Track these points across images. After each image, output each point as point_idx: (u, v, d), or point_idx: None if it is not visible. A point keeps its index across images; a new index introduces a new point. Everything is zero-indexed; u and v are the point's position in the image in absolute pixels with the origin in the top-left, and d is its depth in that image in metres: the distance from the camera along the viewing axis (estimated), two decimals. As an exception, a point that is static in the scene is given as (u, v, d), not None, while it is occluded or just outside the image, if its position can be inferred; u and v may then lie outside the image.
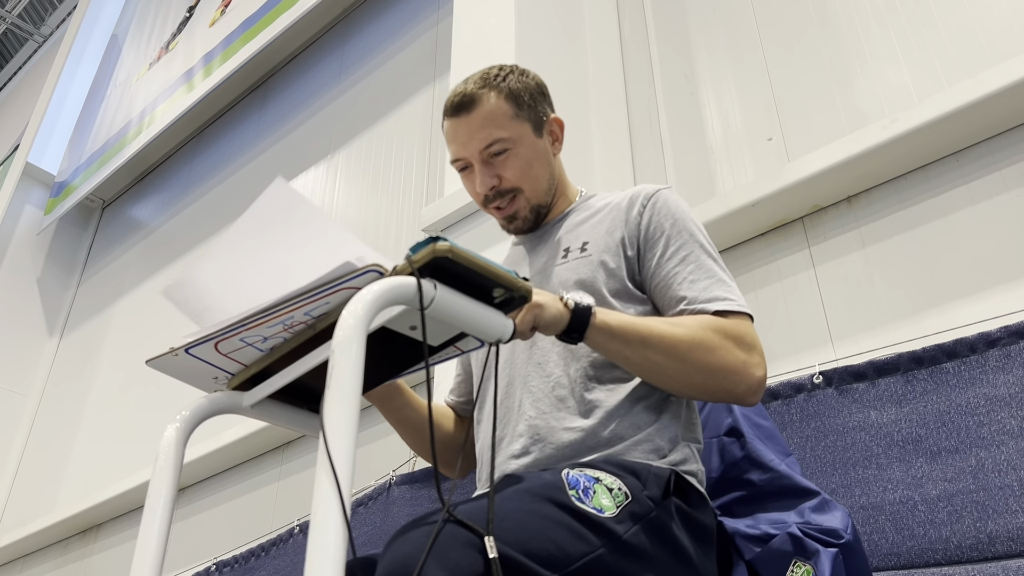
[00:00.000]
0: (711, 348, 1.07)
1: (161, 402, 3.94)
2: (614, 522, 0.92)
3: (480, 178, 1.27)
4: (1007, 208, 1.79)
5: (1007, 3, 1.96)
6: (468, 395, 1.40)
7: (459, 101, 1.27)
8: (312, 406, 1.01)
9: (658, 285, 1.17)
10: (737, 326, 1.09)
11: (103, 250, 5.29)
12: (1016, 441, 1.32)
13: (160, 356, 0.90)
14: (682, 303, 1.13)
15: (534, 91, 1.32)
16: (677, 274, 1.15)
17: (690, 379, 1.08)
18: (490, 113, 1.25)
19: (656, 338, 1.06)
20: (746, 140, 2.34)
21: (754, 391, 1.08)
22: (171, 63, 5.02)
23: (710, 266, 1.17)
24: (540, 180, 1.30)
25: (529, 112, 1.29)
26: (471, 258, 0.82)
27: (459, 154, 1.29)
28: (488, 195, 1.29)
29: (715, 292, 1.13)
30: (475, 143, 1.26)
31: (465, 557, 0.78)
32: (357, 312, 0.71)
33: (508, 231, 1.36)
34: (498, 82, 1.28)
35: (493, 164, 1.27)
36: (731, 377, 1.07)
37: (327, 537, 0.60)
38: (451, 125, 1.29)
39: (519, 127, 1.27)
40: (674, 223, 1.20)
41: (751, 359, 1.08)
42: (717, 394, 1.10)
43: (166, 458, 0.85)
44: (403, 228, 3.23)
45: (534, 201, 1.30)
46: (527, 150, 1.27)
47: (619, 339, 1.06)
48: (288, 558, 2.27)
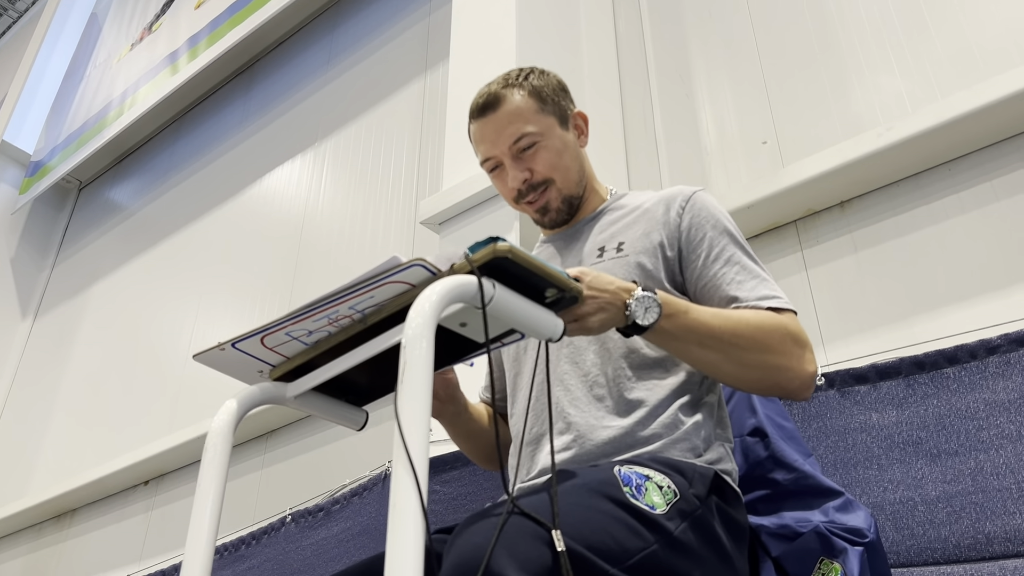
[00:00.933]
0: (768, 346, 1.10)
1: (137, 387, 3.90)
2: (665, 519, 0.95)
3: (512, 173, 1.29)
4: (997, 218, 1.84)
5: (1000, 17, 2.02)
6: (503, 391, 1.43)
7: (484, 102, 1.30)
8: (351, 398, 1.03)
9: (705, 286, 1.20)
10: (792, 323, 1.13)
11: (79, 232, 5.22)
12: (1014, 445, 1.37)
13: (207, 351, 0.91)
14: (734, 303, 1.16)
15: (555, 87, 1.35)
16: (724, 275, 1.18)
17: (747, 375, 1.12)
18: (516, 109, 1.28)
19: (715, 338, 1.09)
20: (741, 143, 2.38)
21: (807, 386, 1.12)
22: (154, 44, 4.95)
23: (752, 267, 1.20)
24: (570, 171, 1.32)
25: (553, 107, 1.32)
26: (528, 258, 0.84)
27: (489, 153, 1.31)
28: (521, 189, 1.30)
29: (763, 291, 1.16)
30: (504, 139, 1.28)
31: (533, 549, 0.80)
32: (425, 310, 0.73)
33: (542, 224, 1.37)
34: (520, 80, 1.31)
35: (523, 159, 1.29)
36: (786, 374, 1.11)
37: (407, 531, 0.61)
38: (478, 126, 1.31)
39: (545, 120, 1.30)
40: (715, 225, 1.23)
41: (804, 355, 1.12)
42: (771, 389, 1.14)
43: (215, 447, 0.86)
44: (392, 219, 3.23)
45: (565, 192, 1.32)
46: (556, 142, 1.30)
47: (679, 340, 1.08)
48: (280, 547, 2.28)
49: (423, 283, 0.85)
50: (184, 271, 4.15)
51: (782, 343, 1.10)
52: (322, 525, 2.22)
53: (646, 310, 1.03)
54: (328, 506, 2.25)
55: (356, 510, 2.15)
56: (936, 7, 2.13)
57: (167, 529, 3.32)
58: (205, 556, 0.80)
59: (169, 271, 4.26)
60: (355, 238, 3.32)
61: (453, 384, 1.24)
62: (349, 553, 2.09)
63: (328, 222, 3.51)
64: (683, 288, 1.23)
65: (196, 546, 0.80)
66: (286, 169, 3.96)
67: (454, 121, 2.50)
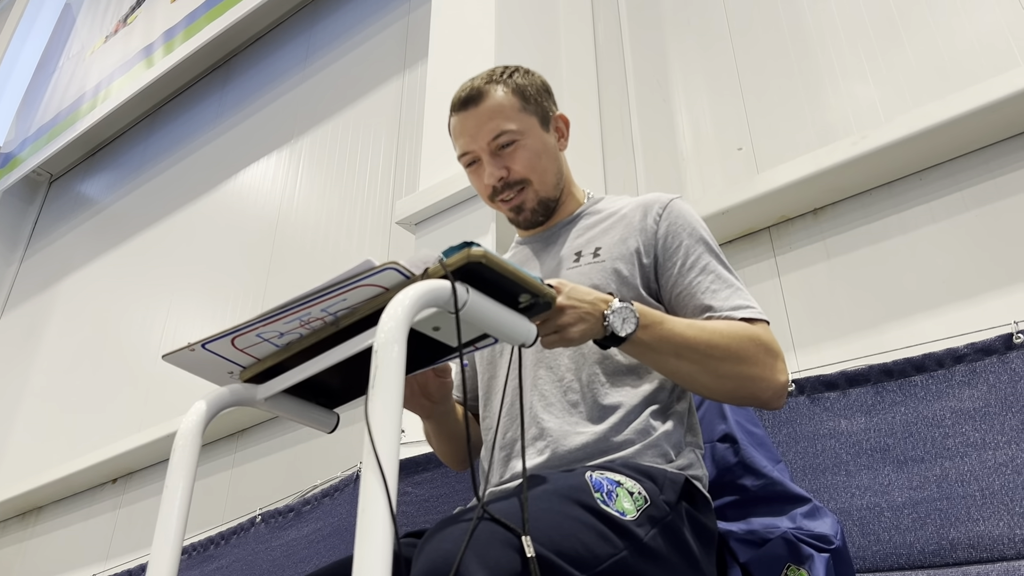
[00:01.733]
0: (742, 357, 1.11)
1: (106, 384, 3.86)
2: (635, 525, 0.96)
3: (488, 169, 1.28)
4: (966, 227, 1.87)
5: (972, 30, 2.05)
6: (474, 392, 1.42)
7: (466, 95, 1.29)
8: (322, 400, 1.02)
9: (680, 294, 1.21)
10: (765, 333, 1.14)
11: (49, 225, 5.15)
12: (979, 453, 1.40)
13: (177, 351, 0.90)
14: (707, 312, 1.17)
15: (539, 88, 1.34)
16: (699, 283, 1.19)
17: (721, 385, 1.13)
18: (498, 105, 1.27)
19: (690, 349, 1.09)
20: (716, 149, 2.40)
21: (780, 396, 1.13)
22: (129, 37, 4.90)
23: (727, 276, 1.21)
24: (548, 173, 1.31)
25: (536, 107, 1.31)
26: (502, 264, 0.84)
27: (467, 147, 1.30)
28: (496, 187, 1.29)
29: (737, 301, 1.17)
30: (483, 135, 1.27)
31: (503, 555, 0.80)
32: (398, 314, 0.73)
33: (516, 224, 1.37)
34: (504, 78, 1.30)
35: (501, 156, 1.28)
36: (759, 384, 1.12)
37: (375, 535, 0.61)
38: (458, 119, 1.30)
39: (526, 120, 1.29)
40: (691, 233, 1.23)
41: (777, 365, 1.13)
42: (744, 399, 1.15)
43: (184, 447, 0.86)
44: (368, 218, 3.22)
45: (542, 193, 1.31)
46: (535, 142, 1.29)
47: (656, 351, 1.09)
48: (249, 547, 2.26)
49: (396, 287, 0.85)
50: (156, 267, 4.11)
51: (755, 354, 1.11)
52: (292, 526, 2.21)
53: (623, 320, 1.04)
54: (299, 506, 2.24)
55: (327, 511, 2.14)
56: (910, 19, 2.16)
57: (134, 528, 3.29)
58: (172, 558, 0.79)
59: (141, 267, 4.21)
60: (330, 237, 3.31)
61: (448, 387, 1.24)
62: (319, 554, 2.08)
63: (303, 220, 3.49)
64: (658, 295, 1.24)
65: (163, 548, 0.79)
66: (261, 166, 3.93)
67: (432, 121, 2.50)
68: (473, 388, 1.41)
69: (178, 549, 0.80)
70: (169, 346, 3.69)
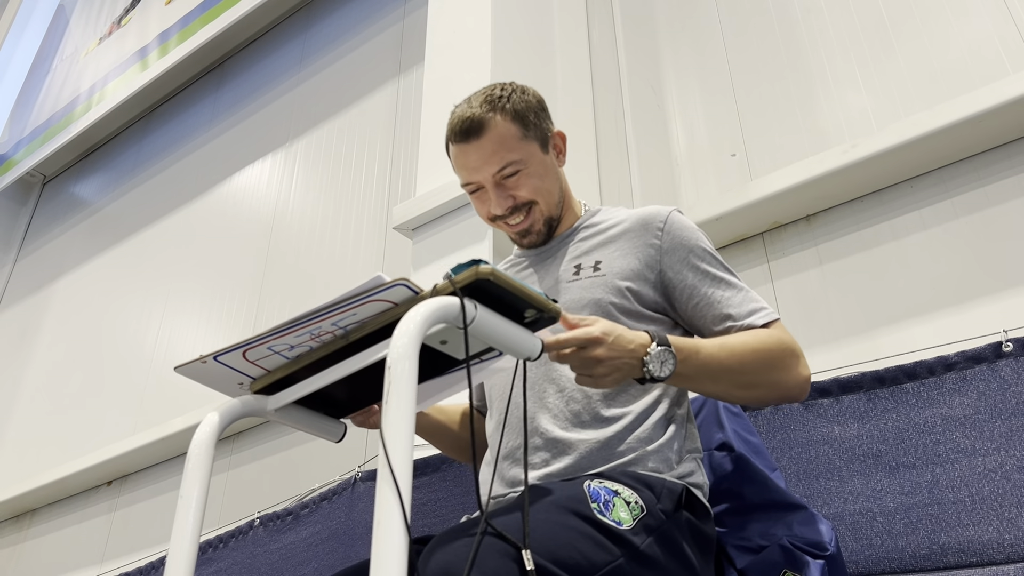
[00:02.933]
0: (772, 366, 1.16)
1: (101, 386, 3.86)
2: (631, 534, 0.99)
3: (496, 200, 1.30)
4: (956, 235, 1.90)
5: (963, 39, 2.08)
6: (483, 399, 1.46)
7: (467, 127, 1.28)
8: (329, 411, 1.04)
9: (697, 305, 1.24)
10: (784, 334, 1.19)
11: (43, 227, 5.14)
12: (969, 459, 1.42)
13: (189, 363, 0.92)
14: (727, 320, 1.21)
15: (536, 108, 1.34)
16: (712, 294, 1.23)
17: (752, 394, 1.19)
18: (500, 137, 1.28)
19: (725, 370, 1.14)
20: (710, 155, 2.42)
21: (805, 390, 1.20)
22: (123, 39, 4.90)
23: (734, 281, 1.25)
24: (552, 194, 1.34)
25: (535, 130, 1.32)
26: (509, 281, 0.86)
27: (471, 179, 1.31)
28: (504, 213, 1.32)
29: (751, 305, 1.22)
30: (488, 168, 1.28)
31: (504, 567, 0.84)
32: (410, 330, 0.75)
33: (521, 245, 1.40)
34: (503, 104, 1.29)
35: (506, 186, 1.30)
36: (788, 384, 1.18)
37: (391, 546, 0.63)
38: (459, 151, 1.31)
39: (528, 147, 1.30)
40: (696, 244, 1.27)
41: (800, 362, 1.19)
42: (775, 401, 1.22)
43: (198, 458, 0.88)
44: (364, 223, 3.23)
45: (547, 214, 1.34)
46: (537, 167, 1.31)
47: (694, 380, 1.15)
48: (247, 550, 2.27)
49: (406, 302, 0.87)
50: (151, 270, 4.11)
51: (782, 358, 1.17)
52: (290, 529, 2.22)
53: (662, 363, 1.07)
54: (297, 510, 2.26)
55: (325, 514, 2.16)
56: (901, 28, 2.19)
57: (130, 531, 3.29)
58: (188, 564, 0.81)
59: (135, 269, 4.21)
60: (326, 240, 3.32)
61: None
62: (318, 557, 2.10)
63: (299, 223, 3.50)
64: (663, 308, 1.26)
65: (179, 555, 0.81)
66: (256, 169, 3.94)
67: (428, 127, 2.52)
68: (481, 395, 1.45)
69: (194, 556, 0.82)
70: (164, 348, 3.69)
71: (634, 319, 1.23)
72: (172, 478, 3.29)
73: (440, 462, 1.93)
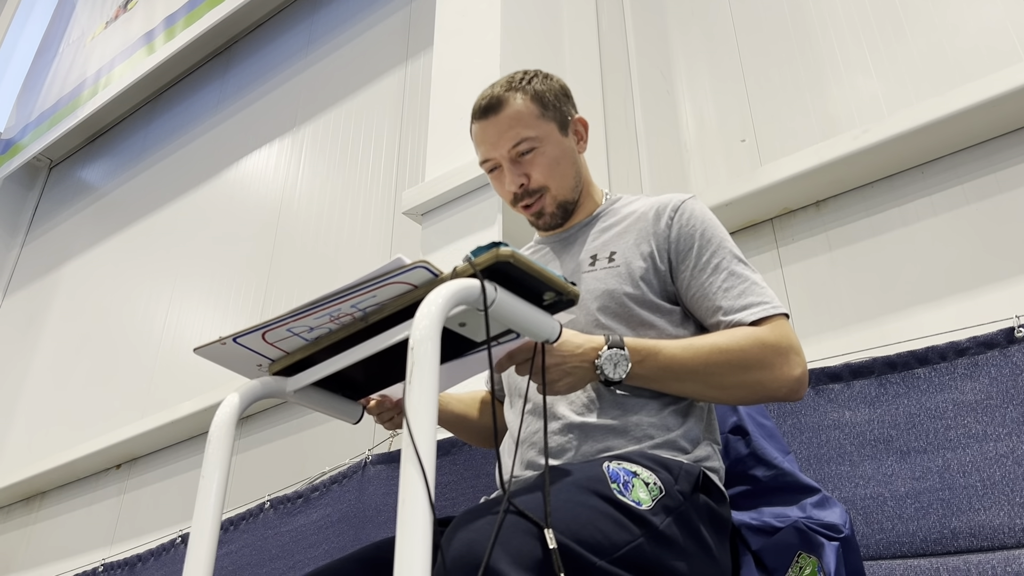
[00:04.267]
0: (748, 365, 1.13)
1: (109, 370, 3.88)
2: (650, 514, 1.00)
3: (509, 176, 1.32)
4: (966, 221, 1.90)
5: (974, 24, 2.07)
6: (501, 386, 1.48)
7: (487, 104, 1.32)
8: (347, 393, 1.05)
9: (695, 296, 1.23)
10: (772, 333, 1.15)
11: (49, 211, 5.15)
12: (980, 444, 1.43)
13: (208, 344, 0.93)
14: (719, 313, 1.20)
15: (558, 92, 1.36)
16: (711, 284, 1.21)
17: (731, 395, 1.17)
18: (517, 113, 1.30)
19: (689, 371, 1.14)
20: (720, 140, 2.42)
21: (796, 390, 1.16)
22: (129, 23, 4.89)
23: (741, 271, 1.22)
24: (567, 177, 1.34)
25: (554, 112, 1.34)
26: (529, 263, 0.87)
27: (488, 155, 1.34)
28: (517, 193, 1.33)
29: (748, 299, 1.19)
30: (504, 143, 1.30)
31: (525, 545, 0.85)
32: (432, 312, 0.76)
33: (537, 227, 1.41)
34: (523, 84, 1.32)
35: (521, 163, 1.31)
36: (770, 385, 1.14)
37: (416, 524, 0.64)
38: (479, 127, 1.33)
39: (545, 126, 1.32)
40: (703, 233, 1.25)
41: (788, 361, 1.14)
42: (760, 401, 1.18)
43: (219, 439, 0.89)
44: (372, 208, 3.23)
45: (560, 198, 1.34)
46: (554, 148, 1.32)
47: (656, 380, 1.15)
48: (258, 532, 2.29)
49: (425, 285, 0.88)
50: (158, 254, 4.12)
51: (761, 358, 1.14)
52: (301, 512, 2.24)
53: (615, 365, 1.10)
54: (307, 493, 2.27)
55: (335, 497, 2.17)
56: (913, 12, 2.18)
57: (139, 514, 3.32)
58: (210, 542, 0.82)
59: (143, 253, 4.22)
60: (333, 225, 3.33)
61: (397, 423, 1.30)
62: (328, 540, 2.11)
63: (306, 208, 3.50)
64: (676, 298, 1.27)
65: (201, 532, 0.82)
66: (263, 153, 3.94)
67: (437, 111, 2.51)
68: (500, 379, 1.46)
69: (216, 533, 0.83)
70: (172, 332, 3.71)
71: (648, 310, 1.23)
72: (181, 461, 3.31)
73: (451, 445, 1.94)
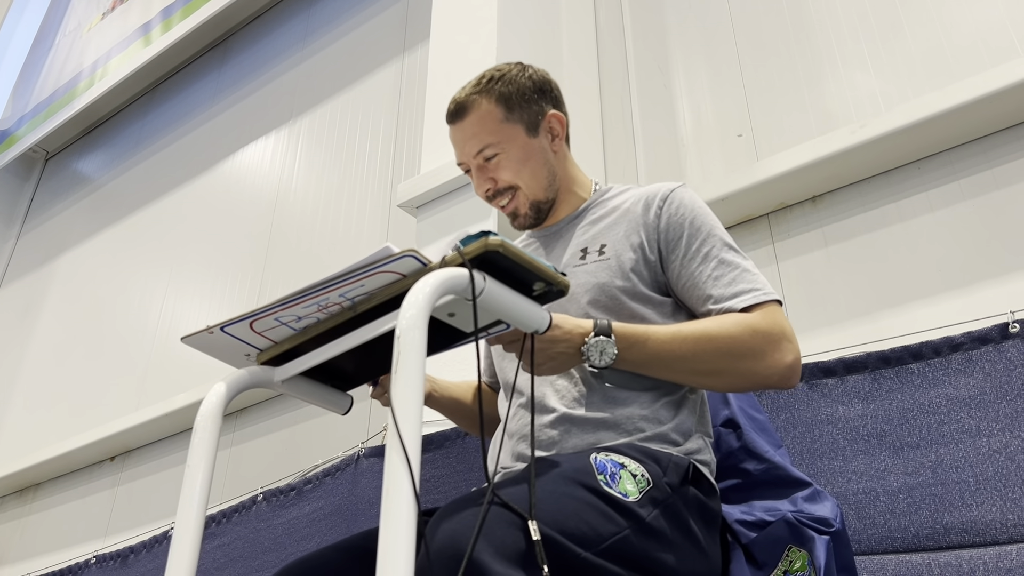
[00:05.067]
0: (736, 352, 1.12)
1: (104, 361, 3.87)
2: (637, 506, 0.99)
3: (476, 180, 1.35)
4: (963, 217, 1.89)
5: (972, 20, 2.06)
6: (494, 375, 1.48)
7: (453, 109, 1.34)
8: (336, 383, 1.04)
9: (685, 285, 1.22)
10: (763, 320, 1.13)
11: (45, 203, 5.14)
12: (973, 440, 1.43)
13: (195, 333, 0.92)
14: (709, 302, 1.18)
15: (528, 91, 1.34)
16: (701, 273, 1.20)
17: (721, 382, 1.16)
18: (479, 119, 1.31)
19: (678, 359, 1.12)
20: (717, 135, 2.41)
21: (788, 376, 1.14)
22: (127, 14, 4.88)
23: (731, 259, 1.21)
24: (537, 177, 1.34)
25: (521, 113, 1.32)
26: (519, 253, 0.86)
27: (459, 159, 1.36)
28: (489, 195, 1.35)
29: (739, 286, 1.17)
30: (468, 149, 1.32)
31: (509, 536, 0.84)
32: (419, 301, 0.75)
33: (514, 226, 1.40)
34: (490, 86, 1.32)
35: (486, 168, 1.33)
36: (761, 372, 1.13)
37: (400, 514, 0.63)
38: (451, 131, 1.36)
39: (509, 129, 1.31)
40: (692, 221, 1.24)
41: (780, 347, 1.12)
42: (752, 388, 1.17)
43: (205, 429, 0.88)
44: (368, 200, 3.22)
45: (531, 198, 1.34)
46: (518, 151, 1.32)
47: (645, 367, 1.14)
48: (251, 525, 2.28)
49: (414, 274, 0.87)
50: (154, 246, 4.11)
51: (752, 344, 1.12)
52: (293, 504, 2.23)
53: (601, 353, 1.09)
54: (300, 485, 2.27)
55: (328, 490, 2.17)
56: (911, 7, 2.18)
57: (133, 505, 3.31)
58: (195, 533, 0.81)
59: (138, 245, 4.21)
60: (329, 217, 3.32)
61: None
62: (320, 532, 2.11)
63: (302, 200, 3.49)
64: (667, 290, 1.26)
65: (185, 524, 0.81)
66: (260, 146, 3.93)
67: (433, 105, 2.51)
68: (490, 366, 1.47)
69: (200, 523, 0.82)
70: (167, 324, 3.70)
71: (640, 302, 1.22)
72: (175, 454, 3.31)
73: (444, 439, 1.93)
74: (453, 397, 1.42)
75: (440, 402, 1.40)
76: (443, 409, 1.43)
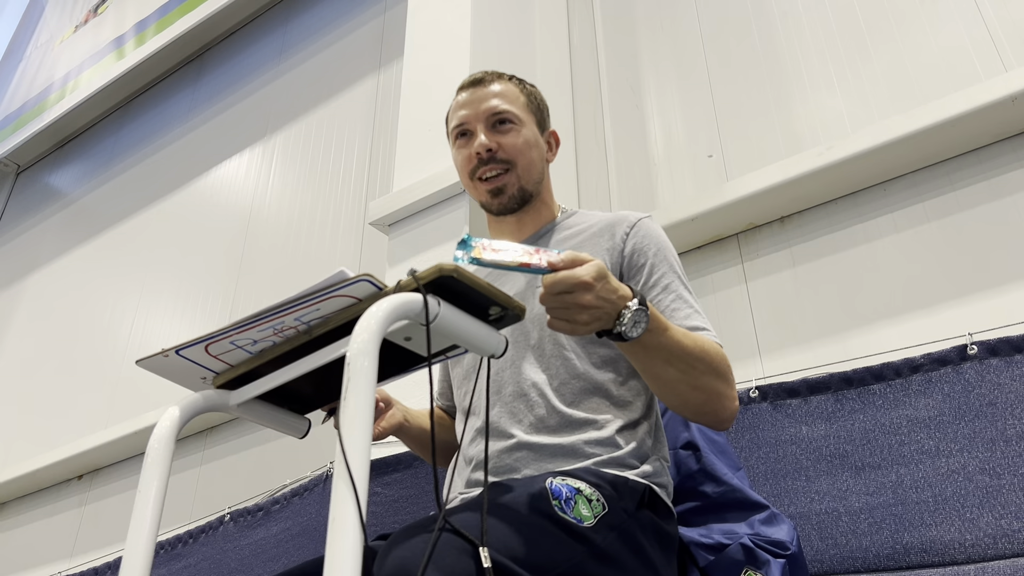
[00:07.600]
0: (720, 372, 1.13)
1: (73, 379, 3.82)
2: (592, 531, 0.99)
3: (480, 138, 1.33)
4: (927, 238, 1.92)
5: (936, 44, 2.10)
6: (451, 400, 1.46)
7: (479, 76, 1.39)
8: (294, 406, 1.04)
9: None
10: (725, 357, 1.17)
11: (16, 217, 5.08)
12: (933, 460, 1.44)
13: (150, 357, 0.92)
14: None
15: (542, 102, 1.45)
16: (660, 302, 1.22)
17: (694, 397, 1.13)
18: (505, 91, 1.38)
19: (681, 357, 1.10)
20: (687, 155, 2.43)
21: (733, 416, 1.16)
22: (100, 28, 4.85)
23: (687, 296, 1.24)
24: (533, 167, 1.37)
25: (536, 114, 1.41)
26: (472, 278, 0.86)
27: (465, 119, 1.37)
28: (482, 156, 1.33)
29: (695, 322, 1.19)
30: (485, 109, 1.35)
31: (460, 563, 0.83)
32: (371, 326, 0.75)
33: (489, 208, 1.39)
34: (515, 80, 1.42)
35: (497, 131, 1.35)
36: (724, 401, 1.14)
37: (345, 542, 0.63)
38: (463, 96, 1.38)
39: (527, 115, 1.39)
40: (656, 252, 1.26)
41: (734, 391, 1.16)
42: (705, 415, 1.16)
43: (157, 453, 0.87)
44: (341, 218, 3.22)
45: (522, 182, 1.36)
46: (529, 133, 1.37)
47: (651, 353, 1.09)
48: (218, 545, 2.26)
49: (369, 298, 0.87)
50: (126, 262, 4.07)
51: (726, 372, 1.15)
52: (261, 525, 2.21)
53: (635, 324, 1.02)
54: (268, 506, 2.24)
55: (296, 510, 2.15)
56: (876, 31, 2.21)
57: (100, 525, 3.26)
58: (144, 559, 0.80)
59: (110, 262, 4.17)
60: (302, 235, 3.31)
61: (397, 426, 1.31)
62: (288, 553, 2.09)
63: (275, 218, 3.48)
64: None
65: (136, 549, 0.80)
66: (234, 162, 3.91)
67: (407, 122, 2.51)
68: (447, 390, 1.47)
69: (151, 550, 0.81)
70: (138, 342, 3.66)
71: None
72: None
73: (412, 459, 1.92)
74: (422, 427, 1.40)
75: (410, 432, 1.36)
76: (412, 441, 1.40)
